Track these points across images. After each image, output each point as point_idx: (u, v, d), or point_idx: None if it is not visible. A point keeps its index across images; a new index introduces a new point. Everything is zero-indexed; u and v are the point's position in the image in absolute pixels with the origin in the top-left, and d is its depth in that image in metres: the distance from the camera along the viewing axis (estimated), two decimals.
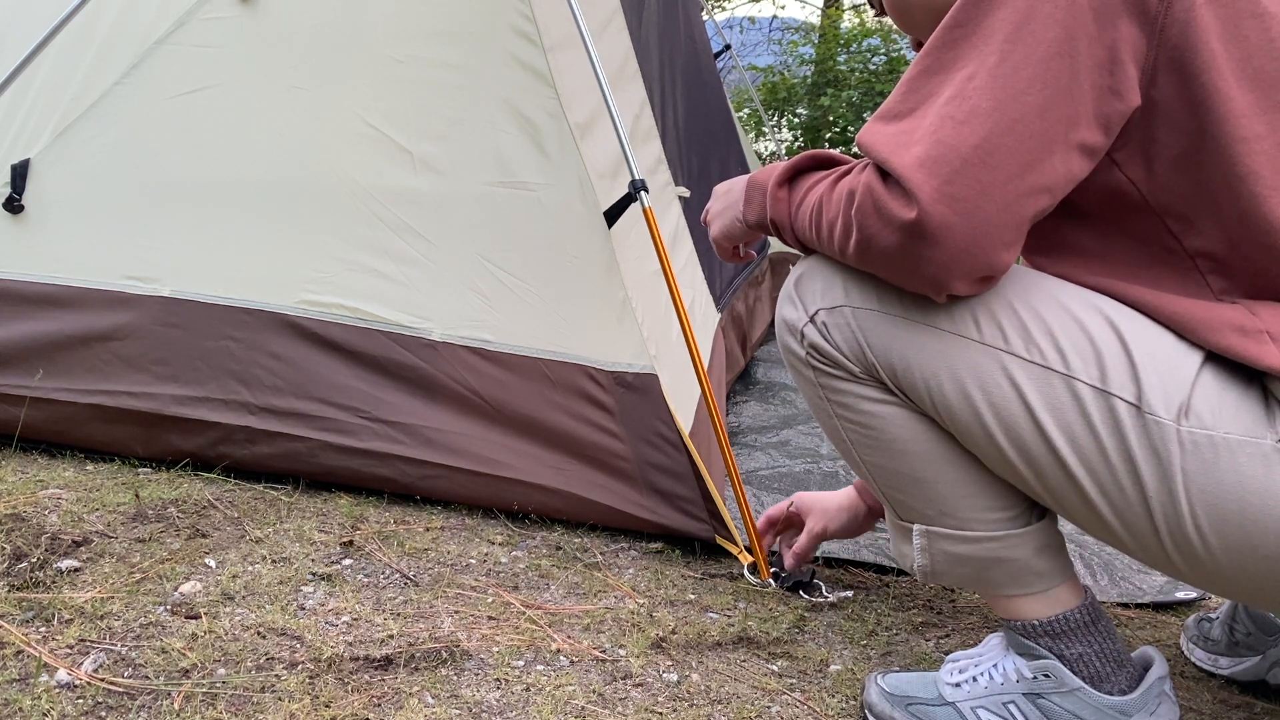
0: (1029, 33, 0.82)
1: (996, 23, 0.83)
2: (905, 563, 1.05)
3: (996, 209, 0.82)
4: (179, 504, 1.59)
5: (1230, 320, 0.84)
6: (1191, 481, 0.82)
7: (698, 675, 1.19)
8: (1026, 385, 0.88)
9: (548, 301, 1.69)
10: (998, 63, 0.82)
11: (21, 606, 1.23)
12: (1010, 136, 0.81)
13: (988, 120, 0.82)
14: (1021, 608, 1.01)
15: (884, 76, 6.24)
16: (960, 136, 0.82)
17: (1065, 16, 0.81)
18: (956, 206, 0.81)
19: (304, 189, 1.77)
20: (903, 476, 1.00)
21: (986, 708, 1.02)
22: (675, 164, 2.38)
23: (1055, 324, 0.88)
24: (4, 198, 1.83)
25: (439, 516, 1.66)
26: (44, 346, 1.76)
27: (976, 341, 0.90)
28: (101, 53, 1.88)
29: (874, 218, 0.86)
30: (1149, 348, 0.85)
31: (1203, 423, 0.82)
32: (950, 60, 0.86)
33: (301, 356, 1.71)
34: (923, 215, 0.82)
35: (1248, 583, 0.85)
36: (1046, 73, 0.81)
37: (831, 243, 0.94)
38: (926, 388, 0.93)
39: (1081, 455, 0.86)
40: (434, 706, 1.08)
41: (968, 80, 0.83)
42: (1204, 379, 0.84)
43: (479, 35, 1.75)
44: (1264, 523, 0.80)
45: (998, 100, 0.82)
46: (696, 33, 3.06)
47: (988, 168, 0.81)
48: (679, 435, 1.59)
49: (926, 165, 0.82)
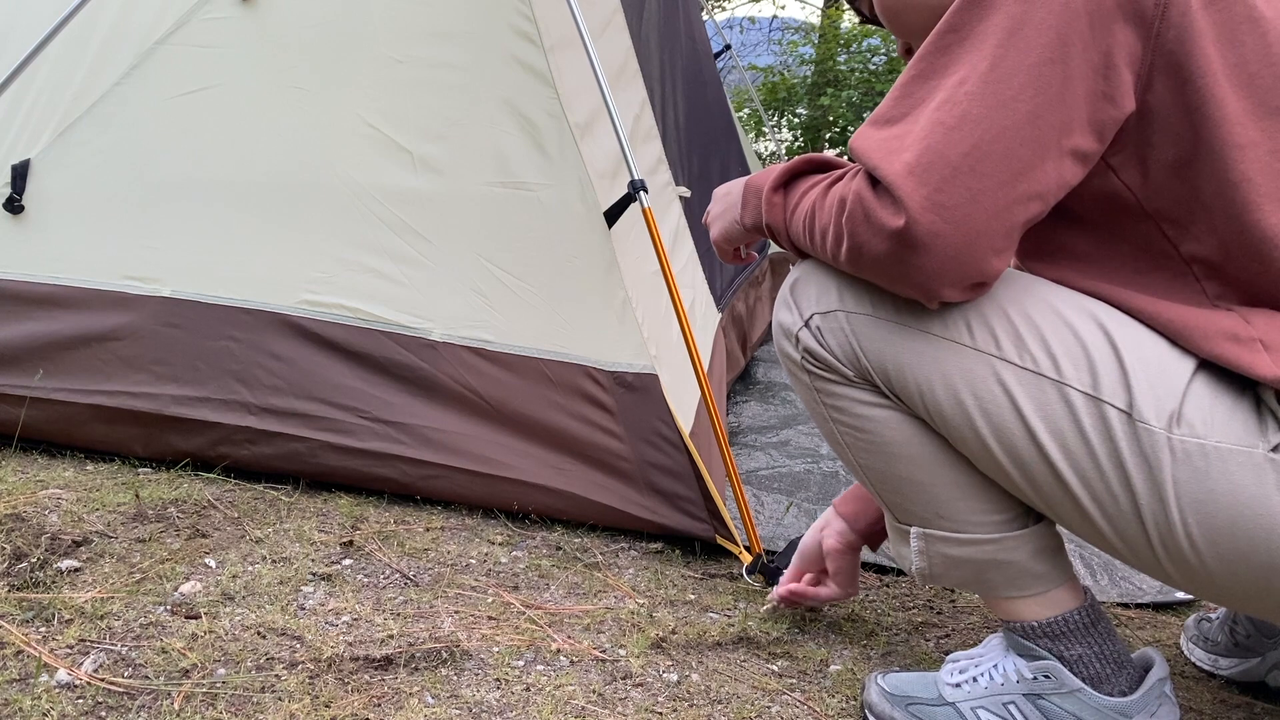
0: (1021, 38, 0.81)
1: (989, 28, 0.83)
2: (904, 564, 1.06)
3: (987, 216, 0.82)
4: (179, 504, 1.59)
5: (1224, 328, 0.84)
6: (1182, 490, 0.82)
7: (698, 675, 1.19)
8: (1018, 391, 0.88)
9: (548, 301, 1.69)
10: (989, 68, 0.82)
11: (21, 606, 1.23)
12: (1001, 143, 0.81)
13: (979, 127, 0.81)
14: (1021, 609, 1.01)
15: (884, 76, 6.24)
16: (950, 143, 0.81)
17: (1059, 22, 0.81)
18: (946, 214, 0.81)
19: (304, 189, 1.77)
20: (899, 480, 1.00)
21: (986, 708, 1.02)
22: (675, 164, 2.38)
23: (1048, 329, 0.88)
24: (4, 198, 1.83)
25: (439, 516, 1.66)
26: (44, 346, 1.76)
27: (969, 347, 0.90)
28: (101, 53, 1.88)
29: (864, 225, 0.86)
30: (1141, 354, 0.85)
31: (1194, 431, 0.82)
32: (943, 66, 0.85)
33: (302, 356, 1.71)
34: (911, 223, 0.82)
35: (1239, 590, 0.85)
36: (1039, 79, 0.81)
37: (824, 249, 0.94)
38: (920, 392, 0.93)
39: (1073, 461, 0.86)
40: (434, 706, 1.08)
41: (959, 85, 0.83)
42: (1196, 387, 0.83)
43: (479, 35, 1.75)
44: (1254, 532, 0.80)
45: (989, 107, 0.81)
46: (696, 33, 3.06)
47: (978, 175, 0.81)
48: (679, 435, 1.59)
49: (916, 173, 0.82)
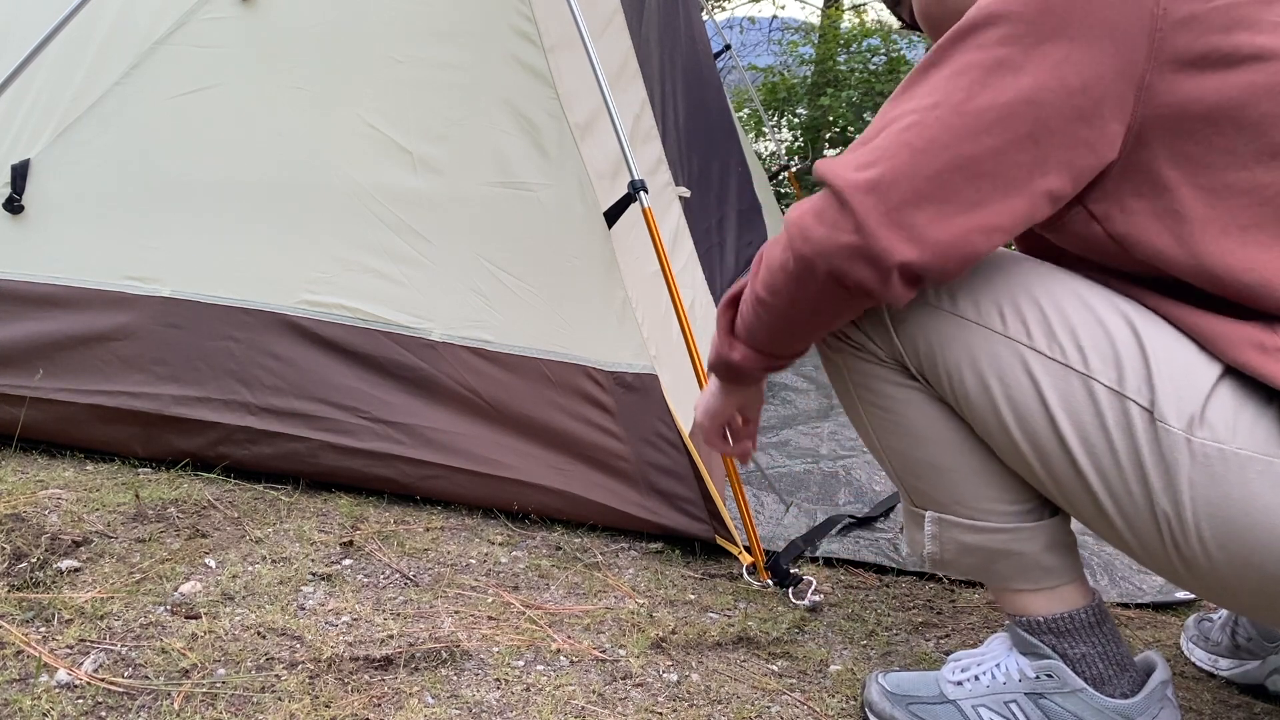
0: (998, 78, 0.82)
1: (970, 62, 0.84)
2: (916, 550, 1.06)
3: (947, 240, 0.83)
4: (179, 504, 1.59)
5: (1249, 336, 0.83)
6: (1198, 493, 0.82)
7: (698, 675, 1.19)
8: (1045, 380, 0.88)
9: (548, 301, 1.69)
10: (963, 100, 0.83)
11: (21, 606, 1.23)
12: (962, 175, 0.82)
13: (944, 153, 0.82)
14: (1028, 603, 1.01)
15: (884, 76, 6.22)
16: (915, 165, 0.82)
17: (1037, 69, 0.81)
18: (902, 233, 0.82)
19: (304, 189, 1.77)
20: (919, 463, 1.01)
21: (988, 706, 1.02)
22: (675, 164, 2.38)
23: (1078, 322, 0.88)
24: (4, 198, 1.83)
25: (439, 516, 1.66)
26: (44, 346, 1.76)
27: (999, 333, 0.91)
28: (101, 53, 1.88)
29: (816, 234, 0.86)
30: (1168, 355, 0.85)
31: (1215, 435, 0.81)
32: (918, 89, 0.86)
33: (301, 356, 1.71)
34: (869, 238, 0.82)
35: (1247, 597, 0.85)
36: (1010, 117, 0.82)
37: (776, 297, 0.93)
38: (948, 375, 0.94)
39: (1093, 454, 0.87)
40: (434, 706, 1.08)
41: (930, 109, 0.84)
42: (1221, 392, 0.83)
43: (479, 35, 1.75)
44: (1267, 541, 0.80)
45: (956, 136, 0.82)
46: (696, 33, 3.06)
47: (935, 201, 0.82)
48: (679, 435, 1.59)
49: (878, 189, 0.83)
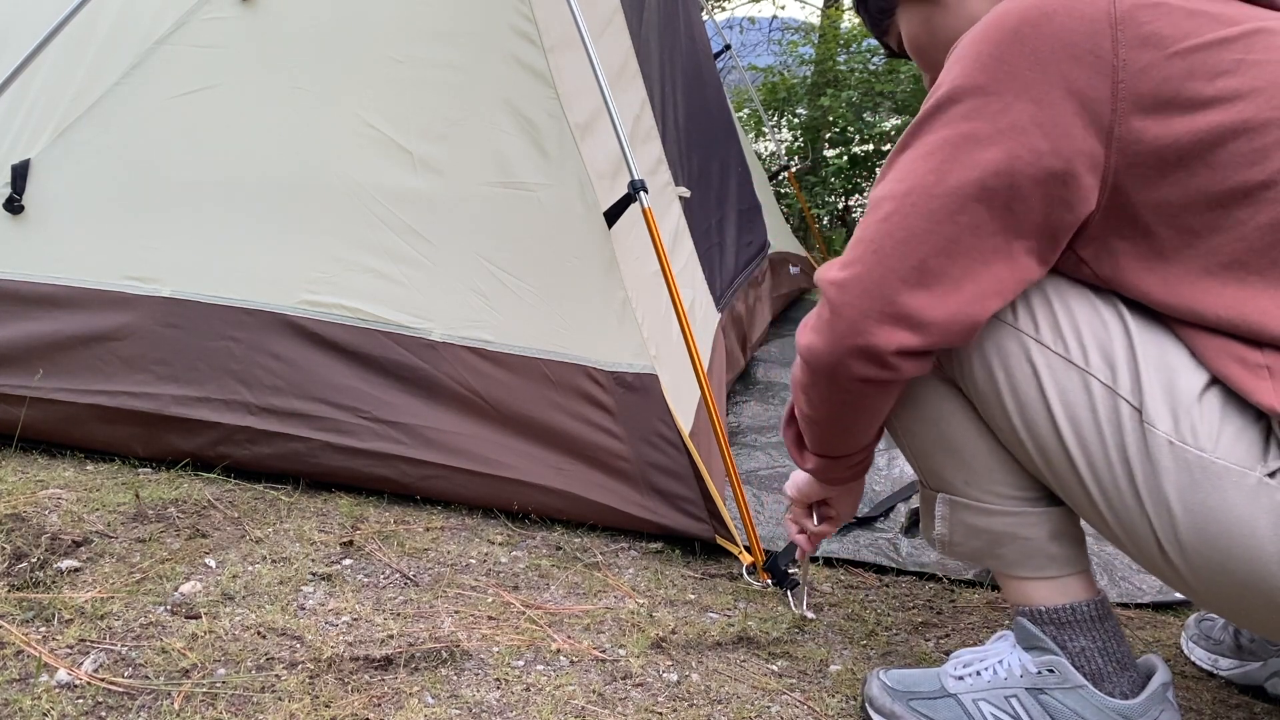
0: (966, 154, 0.86)
1: (940, 140, 0.88)
2: (926, 534, 1.10)
3: (946, 318, 0.88)
4: (179, 504, 1.59)
5: (1232, 351, 0.85)
6: (1179, 495, 0.84)
7: (698, 675, 1.19)
8: (1045, 373, 0.92)
9: (548, 301, 1.69)
10: (934, 182, 0.88)
11: (21, 606, 1.23)
12: (944, 256, 0.88)
13: (924, 241, 0.88)
14: (1032, 592, 1.03)
15: (884, 77, 6.21)
16: (898, 256, 0.88)
17: (1005, 138, 0.85)
18: (898, 324, 0.89)
19: (304, 189, 1.77)
20: (933, 443, 1.04)
21: (988, 700, 1.02)
22: (675, 164, 2.38)
23: (1082, 319, 0.92)
24: (4, 198, 1.83)
25: (439, 516, 1.66)
26: (44, 346, 1.76)
27: (1010, 325, 0.94)
28: (101, 53, 1.88)
29: (819, 346, 0.94)
30: (1160, 360, 0.88)
31: (1198, 443, 0.84)
32: (894, 172, 0.92)
33: (302, 356, 1.71)
34: (860, 336, 0.89)
35: (1222, 600, 0.88)
36: (982, 193, 0.86)
37: (815, 409, 1.02)
38: (960, 361, 0.98)
39: (1085, 449, 0.89)
40: (434, 706, 1.08)
41: (905, 196, 0.89)
42: (1208, 400, 0.85)
43: (479, 35, 1.75)
44: (1238, 550, 0.82)
45: (933, 221, 0.87)
46: (696, 33, 3.06)
47: (923, 286, 0.88)
48: (679, 435, 1.59)
49: (862, 286, 0.89)
